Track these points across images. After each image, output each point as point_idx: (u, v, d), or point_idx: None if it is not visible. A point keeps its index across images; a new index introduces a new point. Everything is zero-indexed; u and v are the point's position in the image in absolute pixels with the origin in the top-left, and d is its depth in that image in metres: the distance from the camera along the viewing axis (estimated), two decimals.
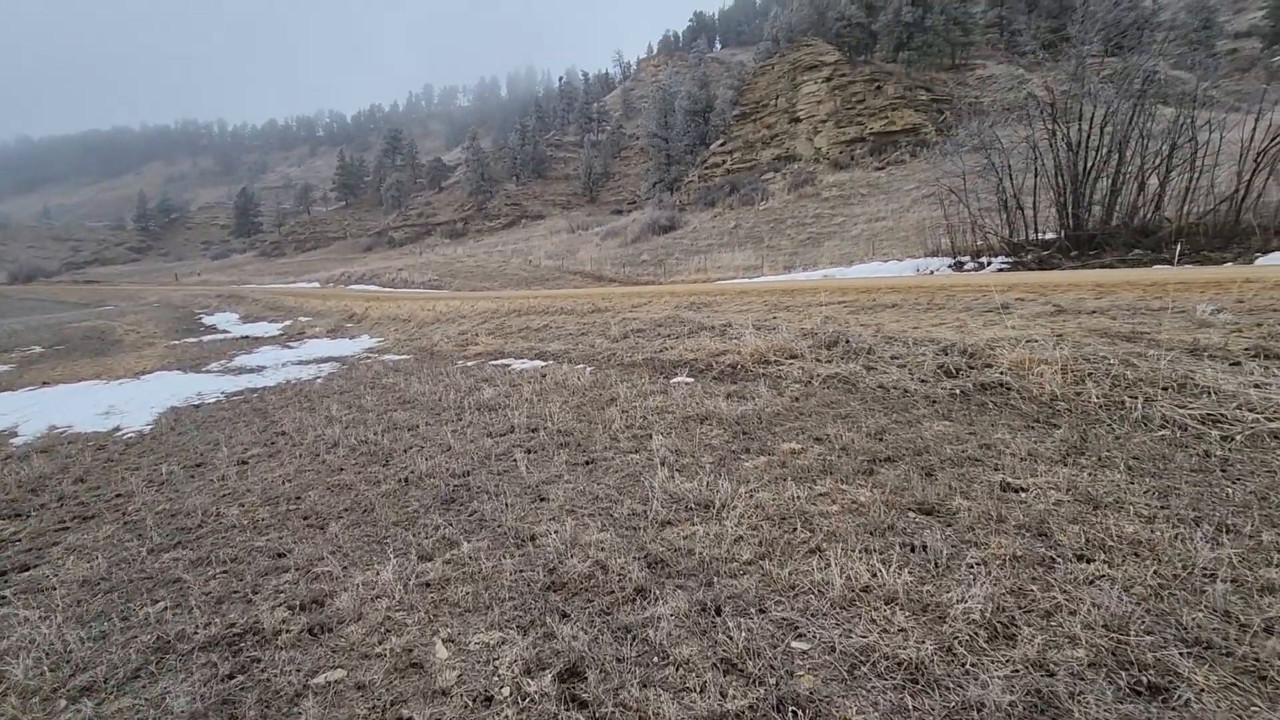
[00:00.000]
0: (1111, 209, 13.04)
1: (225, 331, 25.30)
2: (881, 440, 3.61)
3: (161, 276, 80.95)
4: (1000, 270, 14.10)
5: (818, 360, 5.51)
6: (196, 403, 9.53)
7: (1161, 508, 2.47)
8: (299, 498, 4.08)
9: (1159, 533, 2.28)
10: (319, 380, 10.55)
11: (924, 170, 40.40)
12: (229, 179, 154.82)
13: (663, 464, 3.68)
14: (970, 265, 15.03)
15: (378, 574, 2.77)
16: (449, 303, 20.47)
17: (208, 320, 30.79)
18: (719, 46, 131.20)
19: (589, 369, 7.37)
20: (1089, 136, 12.80)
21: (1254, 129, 11.37)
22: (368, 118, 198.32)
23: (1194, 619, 1.82)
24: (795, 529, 2.67)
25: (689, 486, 3.28)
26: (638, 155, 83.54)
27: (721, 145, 55.51)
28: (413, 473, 4.21)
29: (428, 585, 2.65)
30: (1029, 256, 13.99)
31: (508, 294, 22.87)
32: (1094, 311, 5.86)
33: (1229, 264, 11.13)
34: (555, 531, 2.96)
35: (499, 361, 9.69)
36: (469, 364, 9.99)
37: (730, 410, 4.49)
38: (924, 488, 2.90)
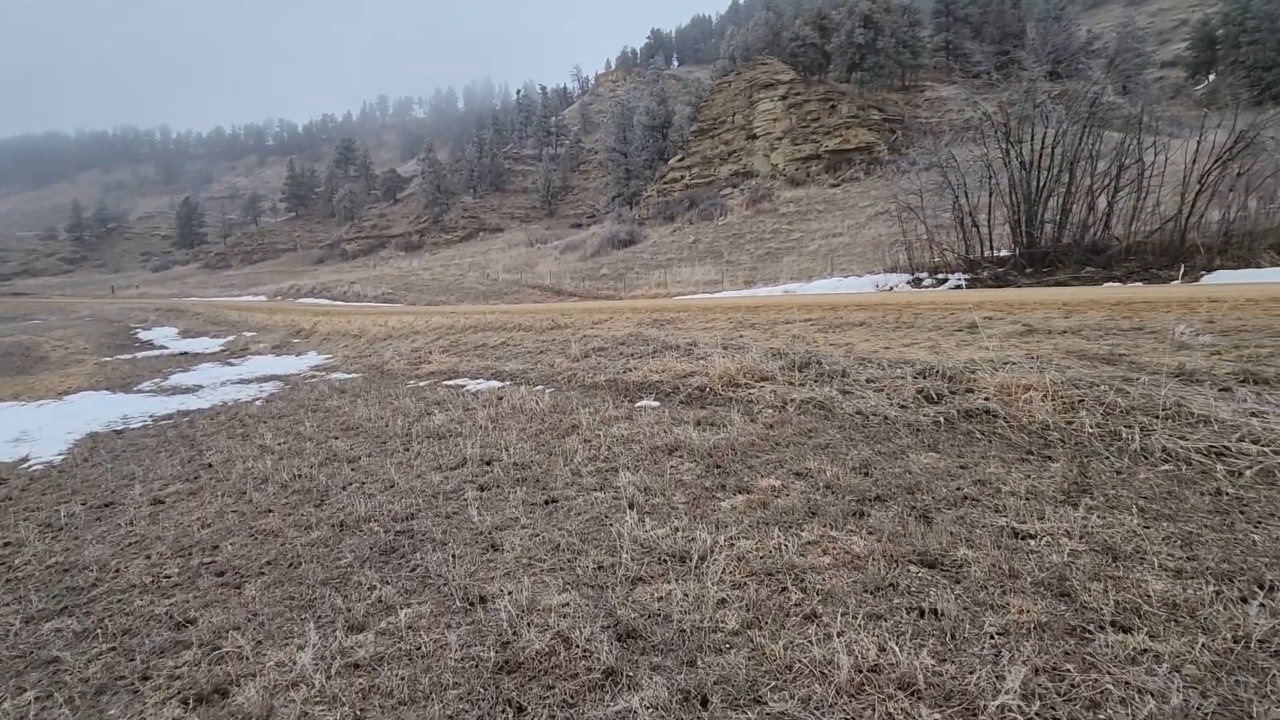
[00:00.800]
0: (1063, 227, 13.30)
1: (163, 347, 23.95)
2: (868, 475, 3.33)
3: (96, 289, 77.00)
4: (958, 287, 14.24)
5: (790, 383, 5.24)
6: (120, 428, 8.76)
7: (1188, 559, 2.22)
8: (216, 547, 3.58)
9: (1194, 592, 2.03)
10: (258, 402, 9.87)
11: (878, 188, 41.30)
12: (171, 188, 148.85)
13: (631, 505, 3.32)
14: (928, 281, 15.16)
15: (296, 654, 2.33)
16: (402, 318, 19.76)
17: (144, 335, 29.16)
18: (676, 64, 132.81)
19: (548, 391, 6.97)
20: (1041, 156, 13.05)
21: (1195, 152, 11.73)
22: (320, 127, 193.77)
23: (1268, 715, 1.55)
24: (785, 588, 2.35)
25: (661, 533, 2.93)
26: (596, 169, 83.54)
27: (680, 160, 55.85)
28: (349, 516, 3.75)
29: (356, 668, 2.22)
30: (985, 273, 14.17)
31: (464, 309, 22.25)
32: (1065, 331, 5.76)
33: (1176, 282, 11.41)
34: (510, 592, 2.57)
35: (453, 382, 9.19)
36: (421, 384, 9.47)
37: (701, 440, 4.16)
38: (922, 535, 2.61)
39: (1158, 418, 3.26)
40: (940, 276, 15.08)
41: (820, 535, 2.71)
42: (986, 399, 3.95)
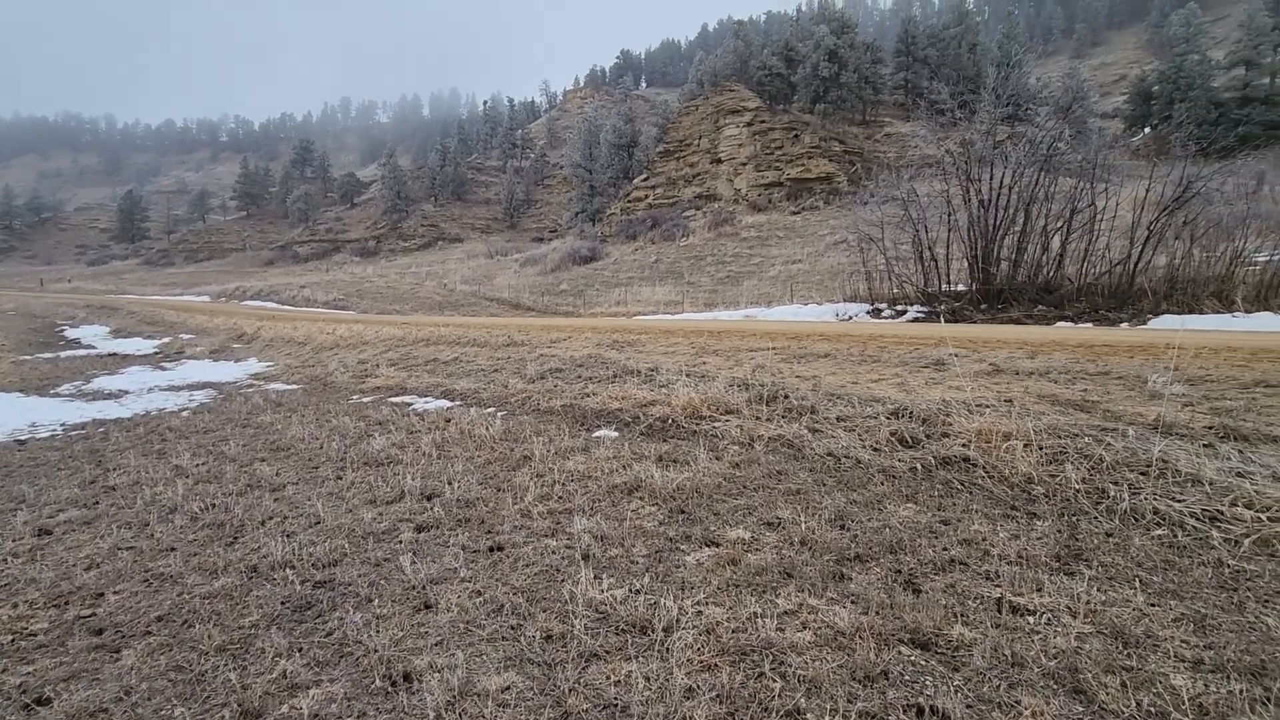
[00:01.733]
0: (1018, 265, 13.57)
1: (90, 347, 22.44)
2: (845, 528, 3.06)
3: (24, 281, 72.65)
4: (916, 319, 14.38)
5: (757, 418, 4.98)
6: (24, 437, 7.94)
7: (1205, 647, 2.01)
8: (100, 595, 3.07)
9: (1223, 692, 1.80)
10: (184, 413, 9.13)
11: (837, 217, 42.14)
12: (114, 180, 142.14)
13: (586, 558, 2.97)
14: (887, 313, 15.28)
15: None
16: (352, 326, 18.97)
17: (71, 333, 27.36)
18: (644, 85, 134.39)
19: (501, 415, 6.57)
20: (999, 196, 13.32)
21: (1143, 200, 12.13)
22: (278, 126, 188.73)
23: None
24: (763, 673, 2.04)
25: (620, 595, 2.59)
26: (561, 184, 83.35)
27: (645, 180, 56.10)
28: (264, 559, 3.29)
29: None
30: (943, 307, 14.34)
31: (418, 320, 21.53)
32: (1032, 373, 5.67)
33: (1124, 325, 11.71)
34: (441, 669, 2.19)
35: (400, 399, 8.68)
36: (365, 400, 8.92)
37: (664, 480, 3.85)
38: (912, 606, 2.34)
39: (1145, 475, 3.10)
40: (899, 308, 15.22)
41: (799, 604, 2.41)
42: (964, 446, 3.75)
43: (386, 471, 4.78)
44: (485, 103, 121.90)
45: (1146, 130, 58.42)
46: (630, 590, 2.63)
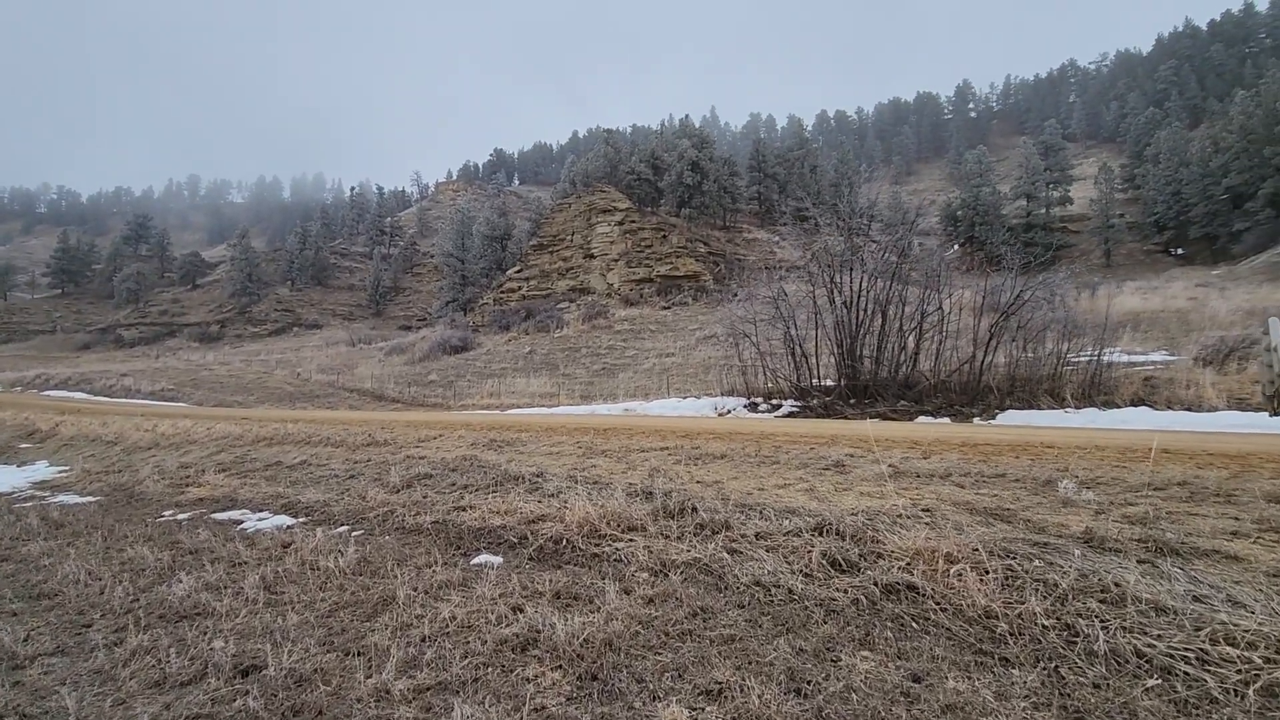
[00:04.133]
0: (879, 362, 14.40)
1: None
2: (802, 695, 2.48)
3: None
4: (791, 413, 14.70)
5: (665, 536, 4.38)
6: None
7: None
8: None
9: None
10: None
11: (705, 313, 44.09)
12: None
13: None
14: (763, 407, 15.54)
15: None
16: (179, 422, 16.40)
17: None
18: (517, 182, 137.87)
19: (355, 535, 5.45)
20: (858, 298, 14.25)
21: (981, 305, 13.45)
22: (111, 200, 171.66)
23: None
24: None
25: None
26: (431, 273, 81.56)
27: (519, 272, 56.20)
28: None
29: None
30: (815, 401, 14.80)
31: (262, 414, 19.09)
32: (932, 475, 5.58)
33: (976, 418, 12.56)
34: None
35: (226, 514, 7.17)
36: (179, 517, 7.30)
37: (567, 628, 3.09)
38: None
39: (1105, 603, 2.84)
40: (774, 402, 15.54)
41: None
42: (904, 570, 3.36)
43: (189, 630, 3.59)
44: (353, 189, 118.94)
45: (956, 247, 67.83)
46: None
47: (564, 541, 4.58)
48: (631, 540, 4.42)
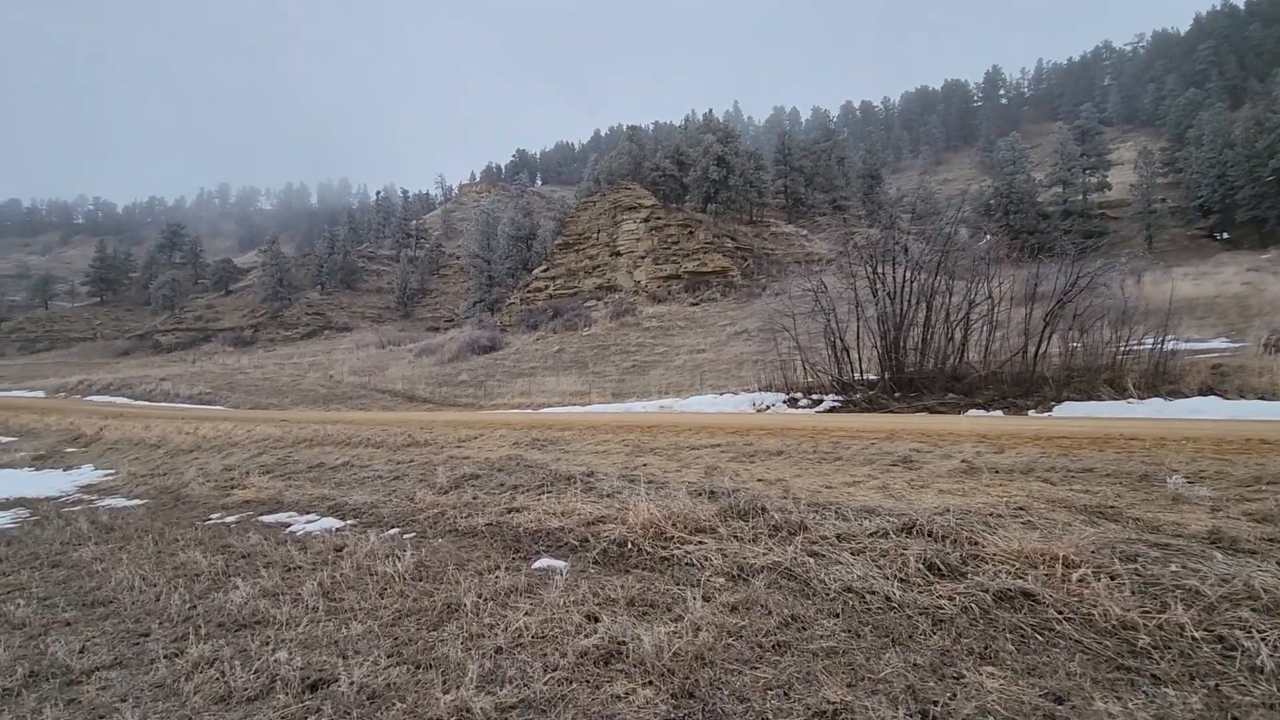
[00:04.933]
0: (924, 354, 13.94)
1: None
2: (929, 718, 2.23)
3: None
4: (833, 409, 14.32)
5: (738, 538, 4.13)
6: None
7: None
8: None
9: None
10: None
11: (734, 309, 43.66)
12: None
13: None
14: (804, 402, 15.18)
15: None
16: (219, 425, 16.60)
17: None
18: (540, 182, 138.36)
19: (408, 539, 5.31)
20: (903, 289, 13.80)
21: (1033, 293, 12.93)
22: (145, 210, 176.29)
23: None
24: None
25: None
26: (457, 274, 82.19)
27: (545, 271, 56.25)
28: None
29: None
30: (857, 395, 14.40)
31: (299, 415, 19.25)
32: (1012, 471, 5.25)
33: (1031, 411, 12.06)
34: None
35: (274, 517, 7.11)
36: (228, 520, 7.26)
37: (651, 640, 2.87)
38: None
39: (1257, 611, 2.53)
40: (815, 397, 15.16)
41: None
42: (1014, 575, 3.08)
43: (251, 640, 3.44)
44: (378, 193, 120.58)
45: (988, 237, 66.26)
46: None
47: (628, 544, 4.36)
48: (701, 543, 4.18)
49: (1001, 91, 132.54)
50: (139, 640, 3.73)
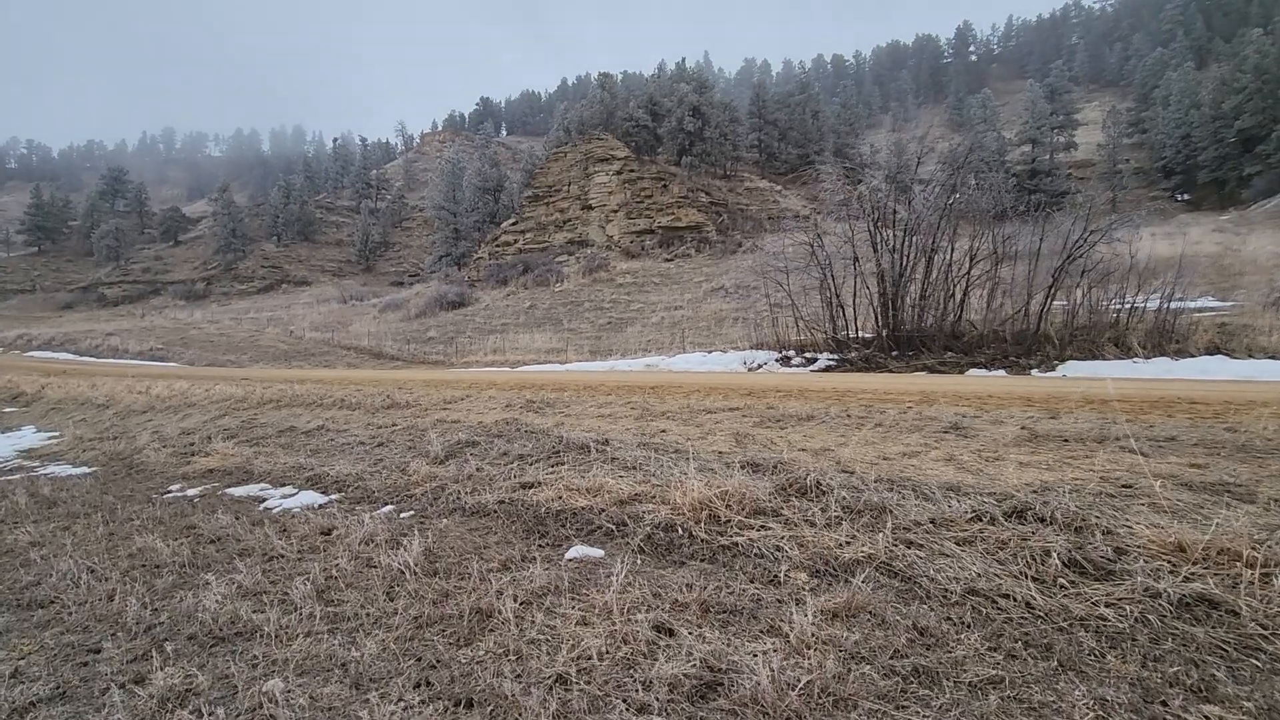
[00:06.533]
0: (923, 312, 13.53)
1: None
2: None
3: None
4: (829, 367, 13.89)
5: (810, 523, 3.54)
6: None
7: None
8: None
9: None
10: None
11: (709, 265, 42.93)
12: None
13: None
14: (797, 360, 14.71)
15: None
16: (174, 383, 15.43)
17: None
18: (505, 133, 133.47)
19: (408, 520, 4.61)
20: (903, 244, 13.27)
21: (1039, 249, 12.52)
22: (83, 154, 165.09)
23: None
24: None
25: None
26: (421, 226, 79.30)
27: (514, 224, 54.48)
28: None
29: None
30: (853, 354, 13.98)
31: (261, 374, 18.09)
32: (1083, 439, 4.76)
33: (1034, 370, 11.79)
34: None
35: (244, 490, 6.32)
36: (191, 493, 6.45)
37: (759, 668, 2.27)
38: None
39: None
40: (808, 355, 14.70)
41: None
42: (1185, 577, 2.54)
43: (232, 661, 2.74)
44: (335, 140, 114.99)
45: (955, 195, 66.26)
46: None
47: (676, 529, 3.74)
48: (765, 528, 3.58)
49: (972, 48, 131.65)
50: (87, 659, 2.98)
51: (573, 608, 2.98)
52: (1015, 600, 2.65)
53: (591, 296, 38.17)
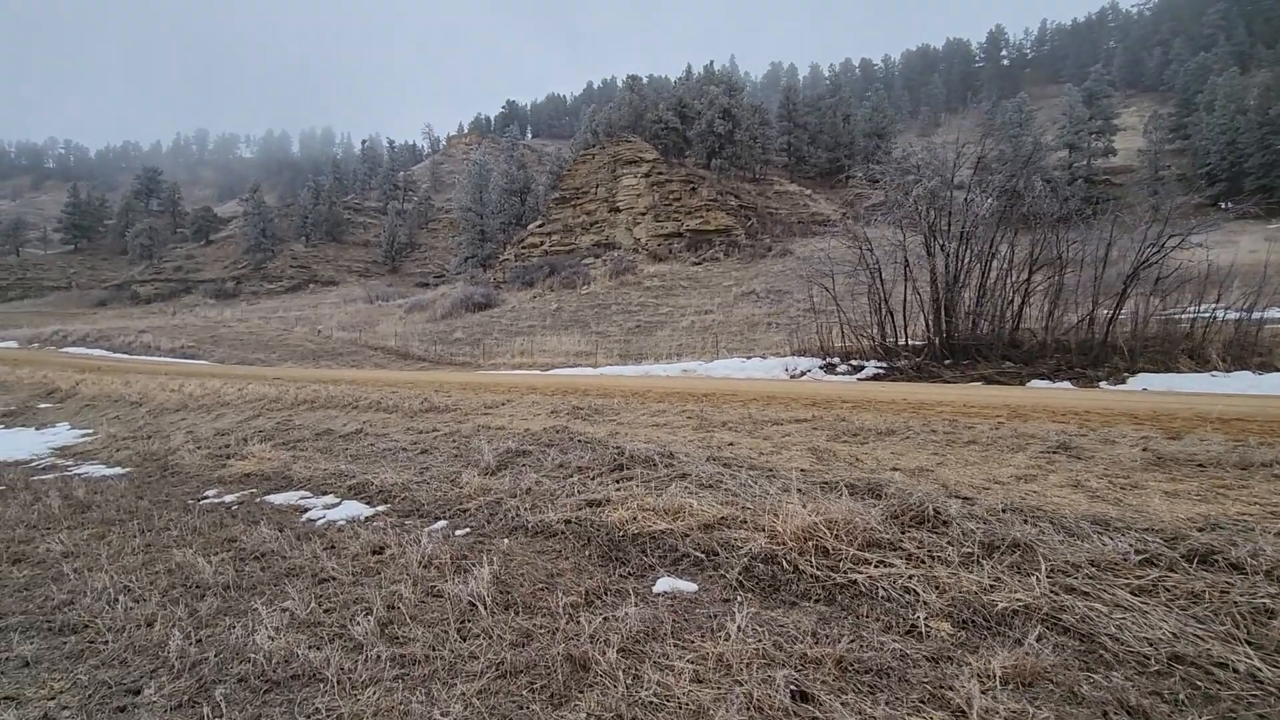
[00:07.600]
0: (978, 319, 12.92)
1: None
2: None
3: None
4: (876, 375, 13.31)
5: (940, 560, 3.07)
6: None
7: None
8: None
9: None
10: None
11: (738, 269, 42.35)
12: None
13: None
14: (842, 368, 14.15)
15: None
16: (206, 382, 15.32)
17: None
18: (530, 135, 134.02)
19: (464, 538, 4.21)
20: (958, 248, 12.68)
21: (1106, 254, 11.85)
22: (119, 155, 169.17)
23: None
24: None
25: None
26: (447, 228, 79.68)
27: (540, 226, 54.39)
28: None
29: None
30: (903, 362, 13.40)
31: (292, 373, 17.97)
32: (1220, 464, 4.23)
33: (1103, 383, 11.12)
34: None
35: (283, 498, 5.98)
36: (228, 499, 6.13)
37: None
38: None
39: None
40: (854, 363, 14.14)
41: None
42: None
43: (295, 715, 2.36)
44: (363, 142, 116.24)
45: (990, 201, 64.94)
46: None
47: (779, 562, 3.29)
48: (885, 564, 3.12)
49: (1004, 52, 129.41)
50: (125, 703, 2.61)
51: (680, 658, 2.55)
52: (1236, 672, 2.16)
53: (619, 299, 37.81)
